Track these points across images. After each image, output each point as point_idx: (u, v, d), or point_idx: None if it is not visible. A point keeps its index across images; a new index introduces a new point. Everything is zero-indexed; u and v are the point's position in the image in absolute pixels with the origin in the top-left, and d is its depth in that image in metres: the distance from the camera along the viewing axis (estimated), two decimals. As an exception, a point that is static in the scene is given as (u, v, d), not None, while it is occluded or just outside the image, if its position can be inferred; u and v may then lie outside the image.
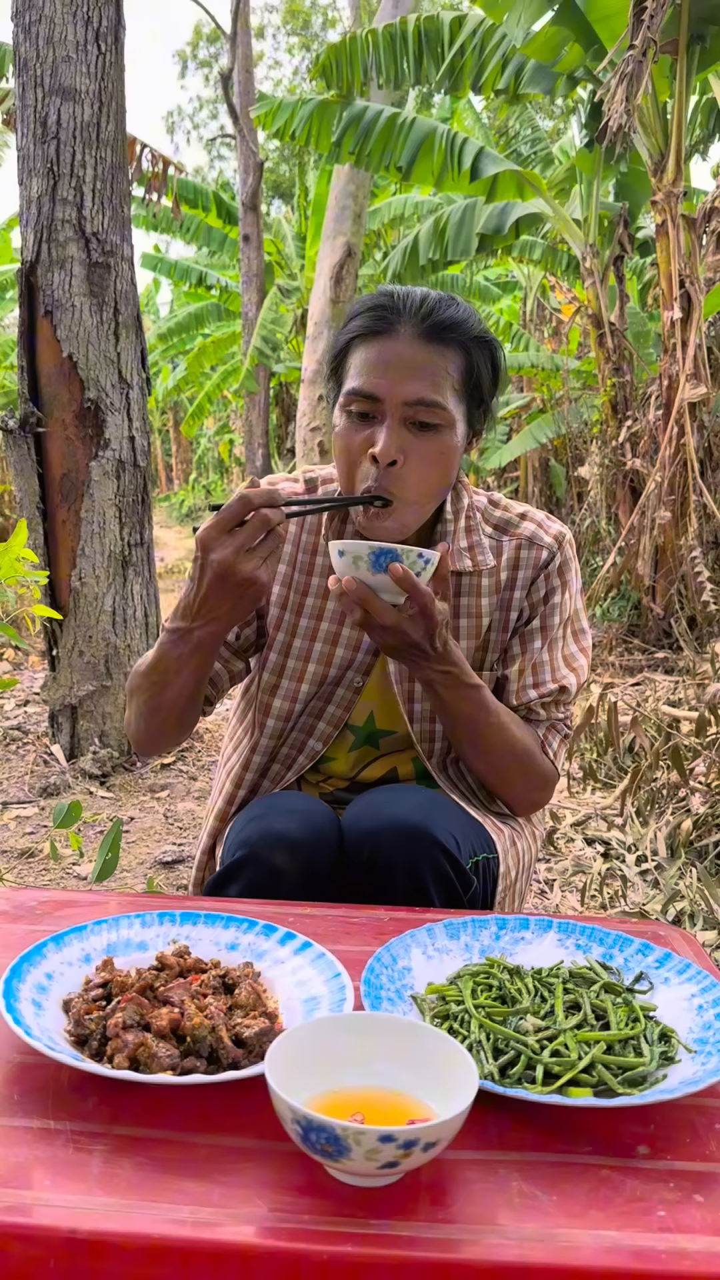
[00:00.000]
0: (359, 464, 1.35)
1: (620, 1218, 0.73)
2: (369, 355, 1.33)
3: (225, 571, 1.21)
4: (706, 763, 3.36)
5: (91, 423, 3.71)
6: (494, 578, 1.50)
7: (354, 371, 1.35)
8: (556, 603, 1.51)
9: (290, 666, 1.52)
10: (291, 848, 1.29)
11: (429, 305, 1.34)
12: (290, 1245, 0.70)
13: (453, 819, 1.36)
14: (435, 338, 1.33)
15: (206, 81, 31.19)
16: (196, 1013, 0.88)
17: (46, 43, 3.59)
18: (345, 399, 1.35)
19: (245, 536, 1.20)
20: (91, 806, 3.54)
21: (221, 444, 22.14)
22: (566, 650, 1.52)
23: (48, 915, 1.17)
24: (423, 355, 1.32)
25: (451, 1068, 0.79)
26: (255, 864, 1.30)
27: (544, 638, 1.50)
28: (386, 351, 1.32)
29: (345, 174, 8.41)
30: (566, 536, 1.53)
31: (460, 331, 1.34)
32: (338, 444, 1.37)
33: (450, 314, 1.34)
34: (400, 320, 1.33)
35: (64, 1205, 0.72)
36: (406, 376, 1.31)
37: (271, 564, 1.23)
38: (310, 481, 1.55)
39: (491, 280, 13.88)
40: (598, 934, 1.09)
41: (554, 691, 1.50)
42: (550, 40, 6.09)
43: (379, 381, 1.31)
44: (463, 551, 1.48)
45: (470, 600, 1.50)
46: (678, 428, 6.00)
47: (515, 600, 1.50)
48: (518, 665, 1.50)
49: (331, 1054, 0.82)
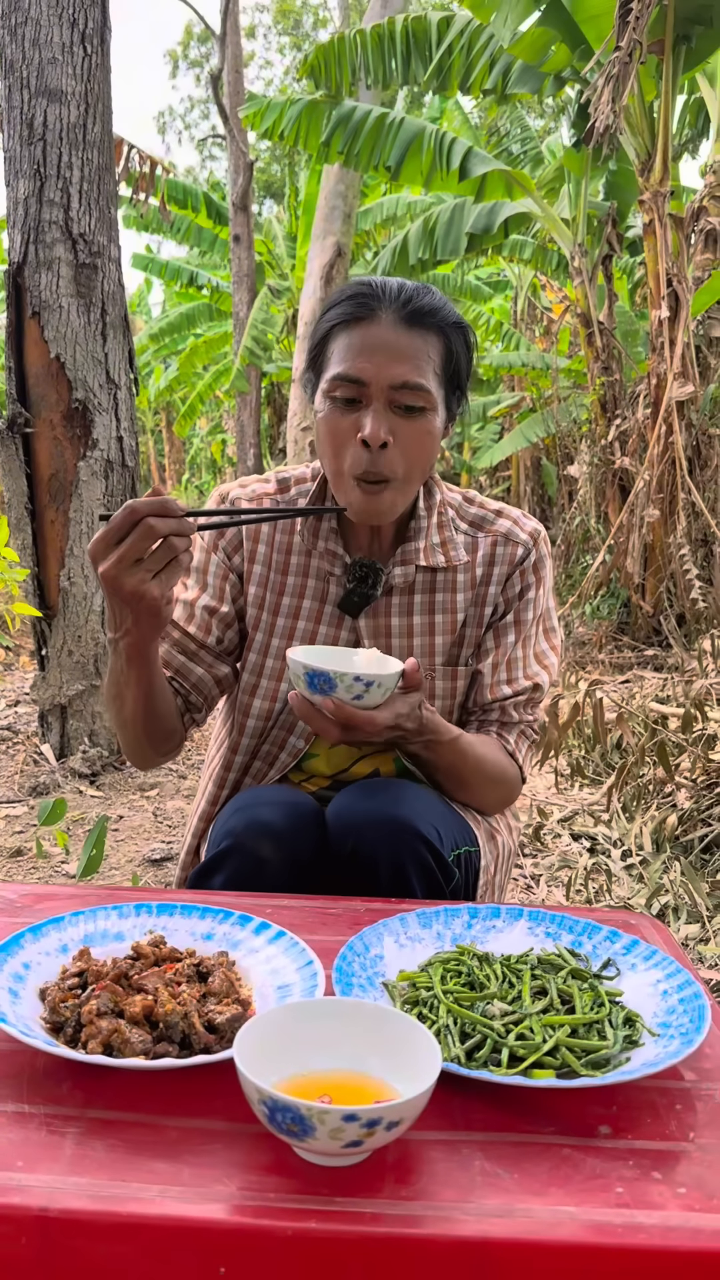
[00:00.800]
0: (346, 448, 1.37)
1: (579, 1194, 0.75)
2: (352, 341, 1.35)
3: (112, 585, 1.17)
4: (692, 758, 3.38)
5: (79, 423, 3.72)
6: (469, 573, 1.52)
7: (337, 357, 1.37)
8: (531, 598, 1.53)
9: (270, 666, 1.54)
10: (276, 838, 1.31)
11: (408, 292, 1.37)
12: (255, 1222, 0.72)
13: (435, 812, 1.38)
14: (416, 322, 1.35)
15: (197, 82, 31.22)
16: (169, 999, 0.89)
17: (32, 44, 3.61)
18: (330, 385, 1.37)
19: (126, 548, 1.14)
20: (81, 805, 3.55)
21: (214, 444, 22.13)
22: (538, 647, 1.55)
23: (28, 908, 1.19)
24: (405, 339, 1.34)
25: (417, 1051, 0.81)
26: (240, 854, 1.31)
27: (518, 633, 1.53)
28: (370, 336, 1.34)
29: (335, 174, 8.42)
30: (542, 534, 1.55)
31: (439, 317, 1.37)
32: (323, 430, 1.39)
33: (429, 300, 1.37)
34: (381, 306, 1.35)
35: (37, 1185, 0.74)
36: (391, 360, 1.33)
37: (167, 577, 1.17)
38: (283, 481, 1.56)
39: (482, 279, 13.91)
40: (567, 922, 1.11)
41: (527, 689, 1.52)
42: (537, 41, 6.11)
43: (364, 365, 1.34)
44: (436, 547, 1.50)
45: (445, 596, 1.52)
46: (666, 426, 6.03)
47: (490, 595, 1.52)
48: (491, 659, 1.52)
49: (300, 1038, 0.84)
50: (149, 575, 1.16)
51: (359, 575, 1.48)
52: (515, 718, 1.53)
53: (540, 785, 3.79)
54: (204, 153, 31.87)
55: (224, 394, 16.99)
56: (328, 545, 1.50)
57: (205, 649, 1.52)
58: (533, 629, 1.54)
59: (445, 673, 1.52)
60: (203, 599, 1.52)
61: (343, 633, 1.51)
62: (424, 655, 1.51)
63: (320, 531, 1.50)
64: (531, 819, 3.37)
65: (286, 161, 18.10)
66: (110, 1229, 0.72)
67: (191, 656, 1.51)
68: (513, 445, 9.97)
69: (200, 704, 1.53)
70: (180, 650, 1.51)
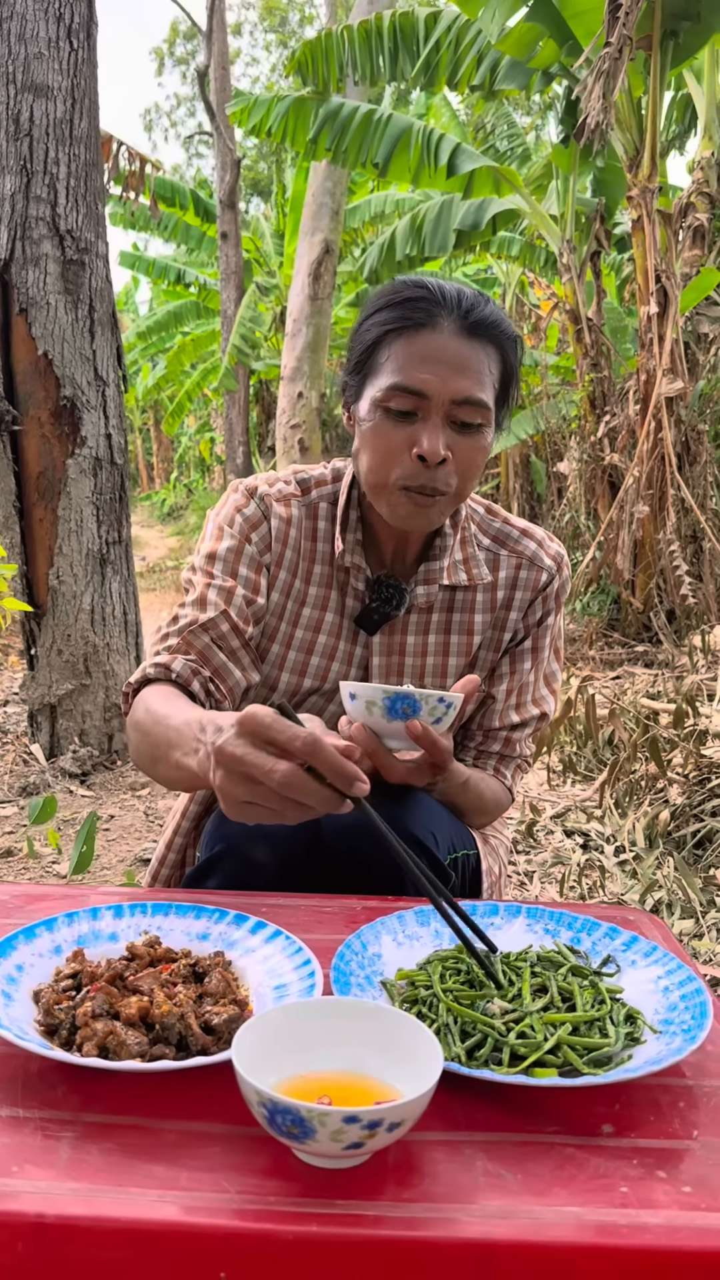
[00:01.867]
0: (398, 462, 1.30)
1: (584, 1194, 0.74)
2: (412, 350, 1.28)
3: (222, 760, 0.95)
4: (684, 754, 3.38)
5: (68, 420, 3.70)
6: (489, 594, 1.48)
7: (393, 366, 1.29)
8: (549, 624, 1.51)
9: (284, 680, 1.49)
10: (270, 841, 1.29)
11: (468, 301, 1.30)
12: (255, 1226, 0.70)
13: (433, 815, 1.37)
14: (477, 334, 1.29)
15: (184, 79, 31.16)
16: (165, 1001, 0.88)
17: (18, 39, 3.58)
18: (385, 394, 1.29)
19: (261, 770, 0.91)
20: (72, 805, 3.53)
21: (202, 442, 22.10)
22: (548, 669, 1.54)
23: (19, 909, 1.18)
24: (468, 351, 1.28)
25: (417, 1050, 0.80)
26: (234, 858, 1.30)
27: (534, 659, 1.51)
28: (431, 346, 1.27)
29: (322, 171, 8.41)
30: (564, 558, 1.52)
31: (500, 330, 1.31)
32: (373, 440, 1.32)
33: (490, 311, 1.31)
34: (441, 313, 1.28)
35: (32, 1191, 0.72)
36: (454, 374, 1.27)
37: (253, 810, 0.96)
38: (303, 483, 1.50)
39: (470, 277, 13.91)
40: (566, 918, 1.10)
41: (534, 718, 1.52)
42: (525, 36, 6.10)
43: (427, 378, 1.27)
44: (459, 565, 1.46)
45: (464, 616, 1.48)
46: (655, 422, 6.03)
47: (510, 621, 1.49)
48: (505, 685, 1.50)
49: (299, 1039, 0.82)
50: (246, 798, 0.95)
51: (383, 595, 1.43)
52: (516, 751, 1.53)
53: (533, 782, 3.78)
54: (191, 150, 31.85)
55: (212, 392, 16.96)
56: (353, 559, 1.45)
57: (245, 648, 1.41)
58: (547, 653, 1.53)
59: None
60: (240, 590, 1.41)
61: (356, 649, 1.48)
62: (435, 675, 1.49)
63: (347, 543, 1.45)
64: (524, 815, 3.36)
65: (274, 159, 18.07)
66: (107, 1234, 0.70)
67: (231, 655, 1.40)
68: (502, 443, 9.97)
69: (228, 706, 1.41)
70: (222, 647, 1.39)
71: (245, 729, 0.93)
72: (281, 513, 1.45)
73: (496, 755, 1.53)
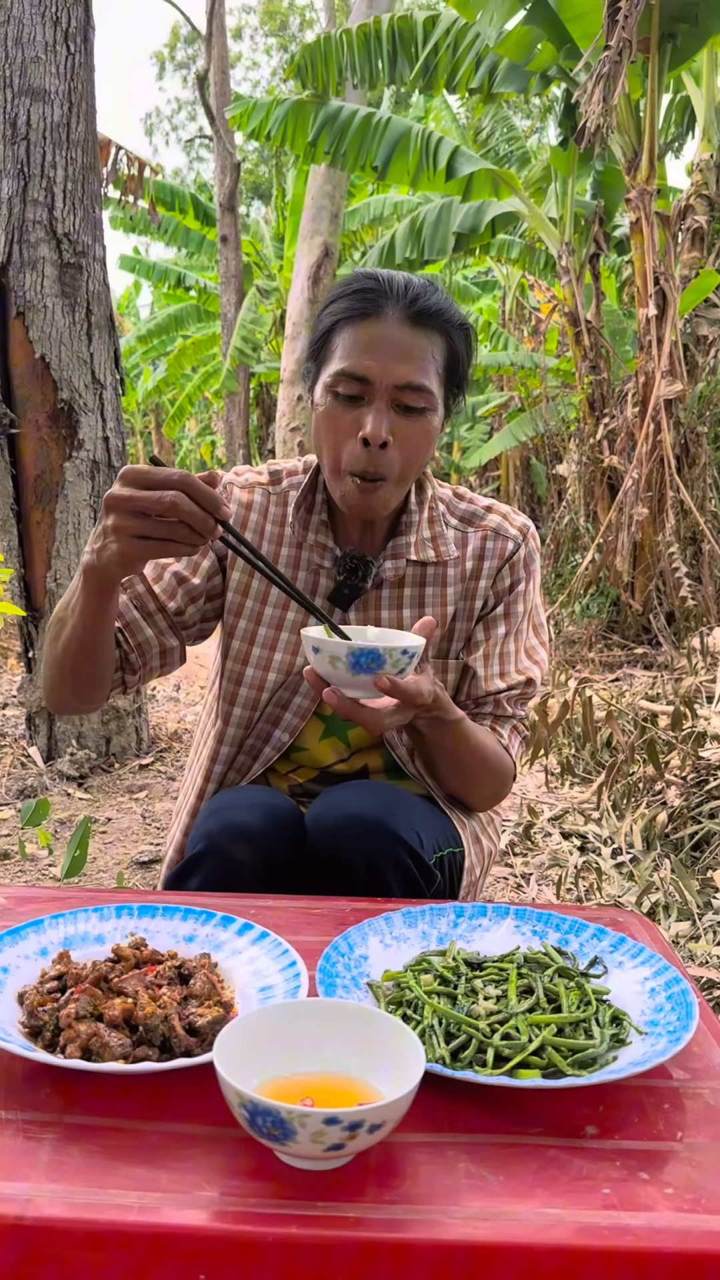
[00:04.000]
0: (345, 444, 1.36)
1: (566, 1196, 0.74)
2: (357, 337, 1.35)
3: (108, 507, 1.10)
4: (681, 756, 3.38)
5: (65, 423, 3.70)
6: (459, 568, 1.52)
7: (341, 353, 1.36)
8: (520, 592, 1.53)
9: (256, 654, 1.52)
10: (252, 840, 1.30)
11: (414, 290, 1.36)
12: (236, 1228, 0.70)
13: (416, 814, 1.37)
14: (422, 322, 1.35)
15: (184, 83, 31.20)
16: (149, 1002, 0.88)
17: (15, 43, 3.59)
18: (333, 379, 1.36)
19: (145, 497, 1.07)
20: (69, 808, 3.53)
21: (203, 445, 22.11)
22: (529, 643, 1.55)
23: (8, 911, 1.17)
24: (410, 339, 1.34)
25: (400, 1052, 0.80)
26: (215, 856, 1.30)
27: (507, 625, 1.52)
28: (375, 334, 1.34)
29: (321, 174, 8.41)
30: (531, 529, 1.55)
31: (445, 318, 1.37)
32: (323, 425, 1.38)
33: (435, 299, 1.37)
34: (387, 303, 1.34)
35: (12, 1193, 0.72)
36: (396, 360, 1.33)
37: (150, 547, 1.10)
38: (275, 473, 1.55)
39: (470, 279, 13.92)
40: (554, 919, 1.10)
41: (520, 684, 1.52)
42: (523, 39, 6.11)
43: (369, 363, 1.33)
44: (426, 542, 1.50)
45: (435, 590, 1.51)
46: (654, 424, 6.03)
47: (480, 589, 1.52)
48: (482, 651, 1.51)
49: (282, 1040, 0.82)
50: (138, 531, 1.08)
51: (349, 567, 1.47)
52: (509, 711, 1.53)
53: (530, 784, 3.78)
54: (191, 154, 31.87)
55: (213, 395, 16.98)
56: (318, 538, 1.50)
57: (163, 612, 1.48)
58: (523, 623, 1.54)
59: (435, 666, 1.51)
60: (176, 565, 1.49)
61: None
62: None
63: (311, 524, 1.50)
64: (521, 818, 3.36)
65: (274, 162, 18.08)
66: (88, 1237, 0.70)
67: (147, 616, 1.47)
68: (502, 445, 9.97)
69: (138, 665, 1.48)
70: (138, 606, 1.47)
71: (128, 477, 1.08)
72: (243, 498, 1.52)
73: (489, 716, 1.52)
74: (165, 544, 1.09)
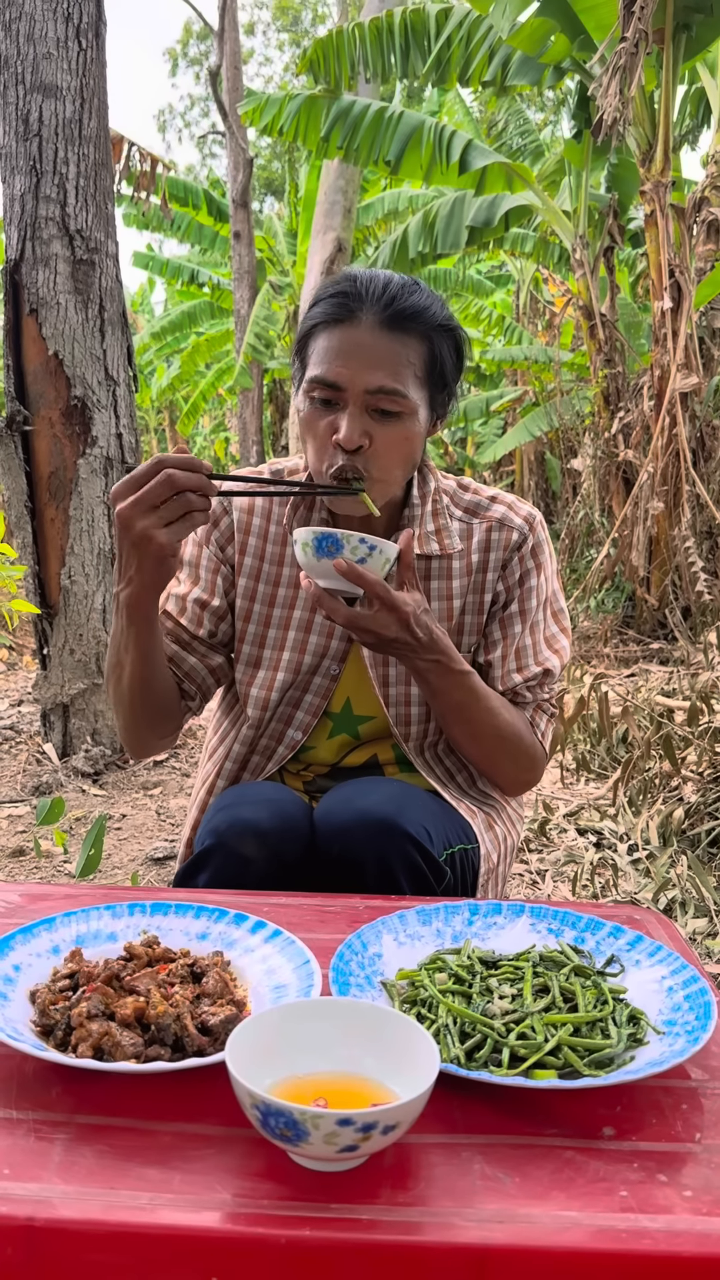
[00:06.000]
0: (325, 448, 1.36)
1: (582, 1198, 0.73)
2: (330, 343, 1.34)
3: (125, 525, 1.19)
4: (698, 751, 3.35)
5: (79, 420, 3.70)
6: (464, 560, 1.50)
7: (315, 359, 1.35)
8: (533, 585, 1.51)
9: (266, 656, 1.52)
10: (260, 836, 1.29)
11: (391, 293, 1.34)
12: (248, 1230, 0.69)
13: (425, 810, 1.36)
14: (397, 326, 1.33)
15: (197, 79, 31.19)
16: (161, 1001, 0.87)
17: (27, 40, 3.58)
18: (309, 385, 1.36)
19: (145, 493, 1.18)
20: (84, 804, 3.54)
21: (217, 442, 22.12)
22: (548, 632, 1.53)
23: (22, 908, 1.17)
24: (384, 344, 1.32)
25: (415, 1052, 0.79)
26: (223, 852, 1.30)
27: (524, 621, 1.50)
28: (347, 340, 1.33)
29: (334, 169, 8.39)
30: (537, 518, 1.53)
31: (422, 320, 1.35)
32: (304, 429, 1.38)
33: (412, 302, 1.34)
34: (362, 308, 1.33)
35: (23, 1194, 0.72)
36: (367, 366, 1.31)
37: (179, 527, 1.20)
38: (276, 473, 1.54)
39: (484, 273, 13.86)
40: (570, 918, 1.09)
41: (538, 675, 1.50)
42: (536, 31, 6.06)
43: (340, 370, 1.32)
44: (430, 535, 1.49)
45: (441, 584, 1.50)
46: (669, 418, 6.00)
47: (488, 582, 1.50)
48: (500, 650, 1.50)
49: (295, 1040, 0.82)
50: (161, 522, 1.19)
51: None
52: (530, 698, 1.51)
53: (546, 780, 3.76)
54: (204, 150, 31.86)
55: (226, 391, 16.97)
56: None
57: (198, 640, 1.51)
58: (539, 615, 1.52)
59: None
60: (194, 592, 1.51)
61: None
62: None
63: (311, 522, 1.49)
64: (537, 814, 3.35)
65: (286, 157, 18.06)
66: (99, 1238, 0.70)
67: (185, 646, 1.50)
68: (516, 440, 9.93)
69: (194, 692, 1.52)
70: (174, 640, 1.50)
71: (119, 493, 1.19)
72: (243, 504, 1.52)
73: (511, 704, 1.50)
74: (186, 519, 1.20)
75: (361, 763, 1.56)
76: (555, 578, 1.56)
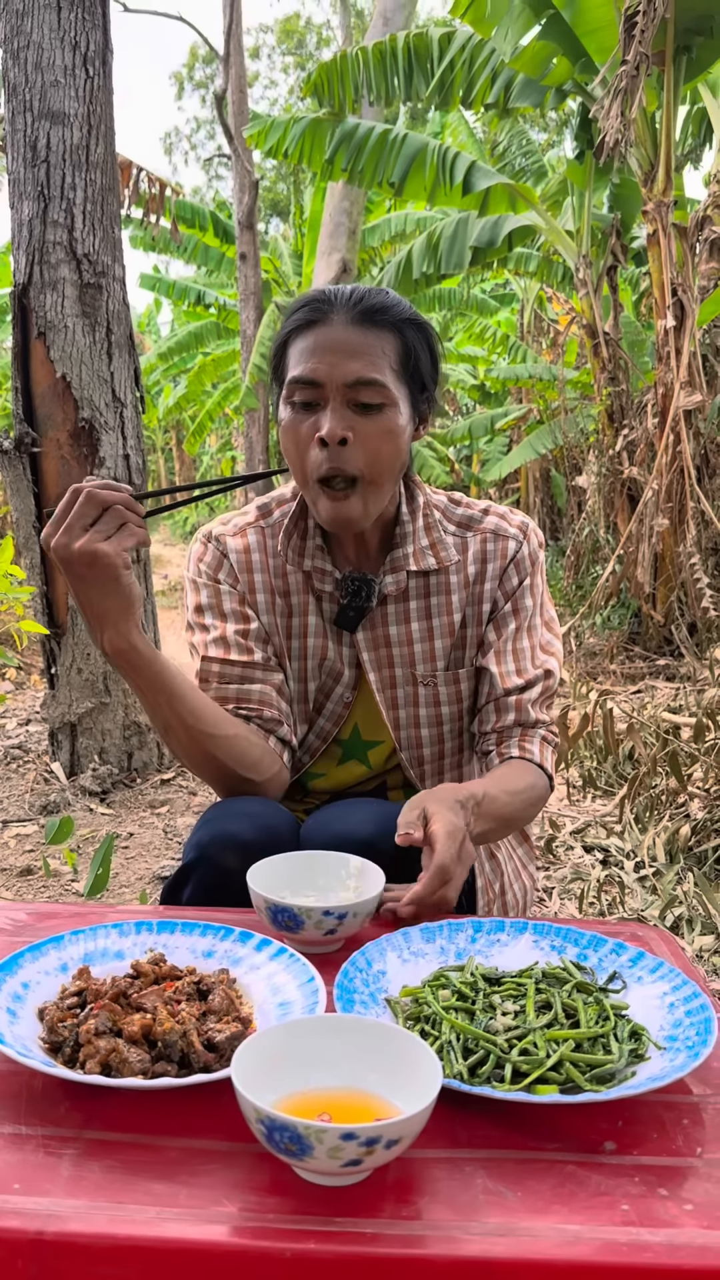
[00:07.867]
0: (308, 451, 1.36)
1: (584, 1212, 0.74)
2: (305, 344, 1.36)
3: (64, 555, 1.21)
4: (705, 768, 3.36)
5: (86, 442, 3.74)
6: (461, 573, 1.51)
7: (293, 362, 1.37)
8: (527, 587, 1.52)
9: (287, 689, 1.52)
10: (241, 848, 1.28)
11: (359, 293, 1.38)
12: (253, 1243, 0.70)
13: None
14: (368, 321, 1.36)
15: (203, 103, 31.49)
16: (168, 1018, 0.88)
17: (35, 68, 3.63)
18: (288, 389, 1.37)
19: (72, 517, 1.20)
20: (92, 823, 3.55)
21: (224, 461, 22.23)
22: (542, 638, 1.53)
23: (30, 927, 1.18)
24: (357, 338, 1.35)
25: (418, 1067, 0.80)
26: (205, 865, 1.30)
27: (517, 621, 1.51)
28: (322, 338, 1.35)
29: (339, 191, 8.47)
30: (531, 526, 1.55)
31: (391, 314, 1.37)
32: (286, 437, 1.39)
33: (380, 299, 1.38)
34: (333, 309, 1.36)
35: (33, 1208, 0.73)
36: (344, 359, 1.34)
37: (119, 539, 1.21)
38: (263, 507, 1.55)
39: (488, 292, 13.93)
40: (572, 935, 1.10)
41: (539, 677, 1.49)
42: (538, 54, 6.13)
43: (318, 366, 1.34)
44: (425, 550, 1.49)
45: (440, 599, 1.50)
46: (674, 435, 6.02)
47: (487, 593, 1.51)
48: (495, 650, 1.50)
49: (300, 1056, 0.83)
50: (101, 536, 1.20)
51: (351, 590, 1.47)
52: (533, 717, 1.49)
53: (552, 797, 3.76)
54: (210, 172, 32.14)
55: (233, 411, 17.06)
56: (315, 563, 1.49)
57: (254, 665, 1.48)
58: (533, 618, 1.52)
59: (448, 677, 1.50)
60: (229, 628, 1.49)
61: (344, 648, 1.51)
62: (425, 662, 1.50)
63: (306, 550, 1.49)
64: (544, 831, 3.35)
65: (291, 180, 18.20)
66: (107, 1252, 0.71)
67: (245, 680, 1.47)
68: (521, 457, 9.97)
69: (277, 716, 1.47)
70: (228, 681, 1.46)
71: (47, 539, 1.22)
72: (237, 545, 1.51)
73: (516, 729, 1.49)
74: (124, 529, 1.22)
75: (368, 789, 1.57)
76: (546, 586, 1.58)
